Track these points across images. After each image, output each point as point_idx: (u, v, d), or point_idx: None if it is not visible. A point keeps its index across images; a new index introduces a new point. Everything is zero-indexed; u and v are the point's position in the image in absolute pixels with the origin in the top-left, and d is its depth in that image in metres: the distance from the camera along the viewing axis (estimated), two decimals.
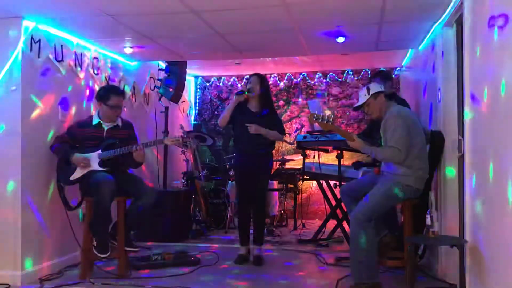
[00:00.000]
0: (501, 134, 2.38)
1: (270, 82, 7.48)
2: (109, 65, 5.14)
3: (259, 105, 4.52)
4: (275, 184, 6.70)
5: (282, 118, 7.18)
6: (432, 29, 4.24)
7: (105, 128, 4.09)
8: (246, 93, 4.44)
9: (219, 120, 4.56)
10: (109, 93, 4.05)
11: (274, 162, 4.91)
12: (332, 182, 5.42)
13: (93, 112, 4.66)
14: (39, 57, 4.00)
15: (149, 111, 6.07)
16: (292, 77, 7.51)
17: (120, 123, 4.18)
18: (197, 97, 7.90)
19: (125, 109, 4.19)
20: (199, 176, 5.95)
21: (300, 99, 7.48)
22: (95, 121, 4.08)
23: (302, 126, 7.43)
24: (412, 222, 3.62)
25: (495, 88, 2.49)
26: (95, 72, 4.84)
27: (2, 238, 3.79)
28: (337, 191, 4.94)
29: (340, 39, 4.58)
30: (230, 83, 7.75)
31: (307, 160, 5.56)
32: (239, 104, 4.47)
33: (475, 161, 2.90)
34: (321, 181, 5.66)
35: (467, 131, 3.04)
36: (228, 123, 4.51)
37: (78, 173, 3.94)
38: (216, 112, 7.79)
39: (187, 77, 6.51)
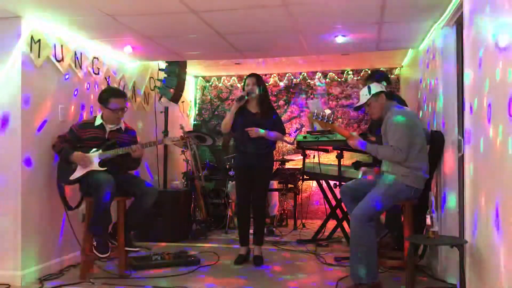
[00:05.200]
0: (500, 133, 2.38)
1: (270, 82, 7.50)
2: (109, 65, 5.13)
3: (258, 105, 4.52)
4: (275, 184, 6.70)
5: (282, 118, 7.18)
6: (432, 29, 4.24)
7: (108, 130, 4.09)
8: (246, 97, 4.45)
9: (222, 126, 4.58)
10: (109, 97, 4.05)
11: (274, 162, 4.90)
12: (332, 182, 5.43)
13: (94, 113, 4.68)
14: (39, 57, 4.00)
15: (149, 111, 6.07)
16: (292, 77, 7.52)
17: (123, 127, 4.18)
18: (197, 97, 7.91)
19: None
20: (199, 176, 5.95)
21: (300, 99, 7.48)
22: (98, 122, 4.08)
23: (302, 126, 7.43)
24: (412, 222, 3.62)
25: (495, 87, 2.49)
26: (95, 72, 4.84)
27: (2, 238, 3.80)
28: (337, 191, 4.94)
29: (340, 39, 4.58)
30: (230, 83, 7.75)
31: (307, 161, 5.56)
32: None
33: (474, 161, 2.90)
34: (321, 181, 5.66)
35: (467, 131, 3.04)
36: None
37: (78, 173, 3.94)
38: (216, 112, 7.79)
39: (187, 77, 6.51)
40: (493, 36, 2.47)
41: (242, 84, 4.71)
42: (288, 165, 6.78)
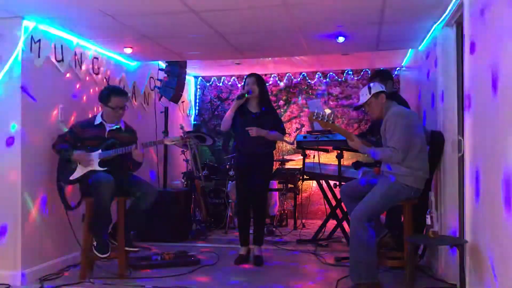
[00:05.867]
0: (499, 133, 2.38)
1: (270, 82, 7.50)
2: (109, 65, 5.14)
3: (258, 105, 4.52)
4: (275, 184, 6.71)
5: (282, 118, 7.19)
6: (432, 29, 4.24)
7: (107, 129, 4.09)
8: (246, 95, 4.44)
9: (221, 125, 4.57)
10: (110, 95, 4.04)
11: (274, 162, 4.90)
12: (332, 182, 5.43)
13: (94, 112, 4.67)
14: (39, 57, 4.00)
15: (149, 111, 6.07)
16: (292, 77, 7.52)
17: (123, 126, 4.17)
18: (197, 97, 7.91)
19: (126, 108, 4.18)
20: (199, 176, 5.95)
21: (300, 99, 7.48)
22: (98, 121, 4.08)
23: (302, 126, 7.43)
24: (412, 222, 3.62)
25: (494, 87, 2.49)
26: (95, 72, 4.84)
27: (2, 238, 3.79)
28: (337, 191, 4.94)
29: (340, 39, 4.58)
30: (230, 83, 7.76)
31: (307, 161, 5.56)
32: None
33: (474, 161, 2.90)
34: (321, 181, 5.66)
35: (467, 131, 3.04)
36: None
37: (78, 173, 3.94)
38: (216, 112, 7.79)
39: (187, 77, 6.51)
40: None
41: (242, 84, 4.71)
42: (288, 165, 6.78)
